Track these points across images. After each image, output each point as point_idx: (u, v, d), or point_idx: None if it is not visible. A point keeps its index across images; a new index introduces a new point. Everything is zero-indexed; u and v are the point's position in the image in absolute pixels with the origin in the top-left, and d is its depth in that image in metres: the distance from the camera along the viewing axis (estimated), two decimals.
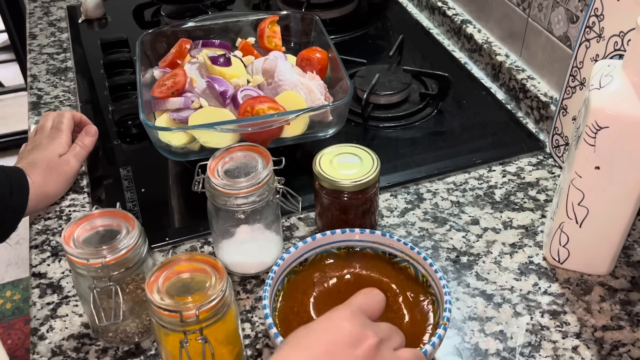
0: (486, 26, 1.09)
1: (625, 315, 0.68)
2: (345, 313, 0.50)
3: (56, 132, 0.84)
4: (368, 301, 0.53)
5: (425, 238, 0.77)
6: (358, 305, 0.52)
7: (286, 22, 0.98)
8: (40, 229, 0.80)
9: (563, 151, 0.85)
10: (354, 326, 0.49)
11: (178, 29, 0.96)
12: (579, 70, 0.79)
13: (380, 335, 0.49)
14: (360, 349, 0.47)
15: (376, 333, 0.49)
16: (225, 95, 0.81)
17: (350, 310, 0.50)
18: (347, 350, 0.47)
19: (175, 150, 0.79)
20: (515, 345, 0.65)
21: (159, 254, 0.76)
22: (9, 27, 2.17)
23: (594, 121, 0.60)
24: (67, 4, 1.32)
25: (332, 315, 0.50)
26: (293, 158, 0.87)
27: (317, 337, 0.48)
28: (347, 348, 0.47)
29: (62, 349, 0.66)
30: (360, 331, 0.48)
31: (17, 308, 1.88)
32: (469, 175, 0.86)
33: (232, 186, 0.64)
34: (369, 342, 0.48)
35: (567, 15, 0.87)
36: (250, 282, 0.72)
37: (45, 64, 1.13)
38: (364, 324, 0.49)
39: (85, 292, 0.61)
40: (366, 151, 0.72)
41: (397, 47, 1.07)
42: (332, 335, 0.48)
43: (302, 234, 0.78)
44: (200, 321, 0.54)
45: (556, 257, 0.72)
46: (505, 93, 1.02)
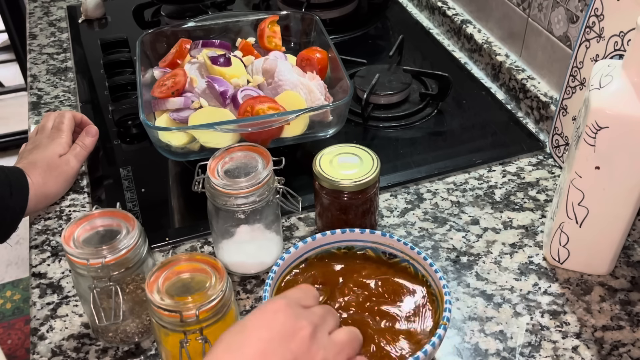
0: (486, 26, 1.09)
1: (625, 315, 0.68)
2: (278, 304, 0.49)
3: (57, 132, 0.84)
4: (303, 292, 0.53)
5: (425, 238, 0.77)
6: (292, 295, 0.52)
7: (286, 22, 0.98)
8: (40, 229, 0.80)
9: (563, 151, 0.85)
10: (287, 318, 0.48)
11: (178, 29, 0.96)
12: (579, 70, 0.79)
13: (314, 322, 0.49)
14: (294, 342, 0.47)
15: (310, 321, 0.48)
16: (225, 95, 0.81)
17: (284, 301, 0.50)
18: (281, 346, 0.46)
19: (175, 150, 0.79)
20: (515, 345, 0.65)
21: (159, 254, 0.76)
22: (9, 27, 2.17)
23: (594, 121, 0.60)
24: (67, 4, 1.32)
25: (264, 309, 0.49)
26: (293, 158, 0.87)
27: (250, 336, 0.47)
28: (282, 343, 0.46)
29: (62, 349, 0.66)
30: (293, 322, 0.48)
31: (17, 308, 1.88)
32: (469, 175, 0.86)
33: (232, 186, 0.64)
34: (303, 332, 0.47)
35: (567, 15, 0.87)
36: (250, 282, 0.72)
37: (45, 64, 1.13)
38: (297, 314, 0.49)
39: (85, 292, 0.61)
40: (366, 151, 0.72)
41: (397, 47, 1.07)
42: (264, 332, 0.47)
43: (302, 234, 0.78)
44: (200, 321, 0.54)
45: (556, 257, 0.72)
46: (505, 93, 1.02)
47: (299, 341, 0.47)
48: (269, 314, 0.49)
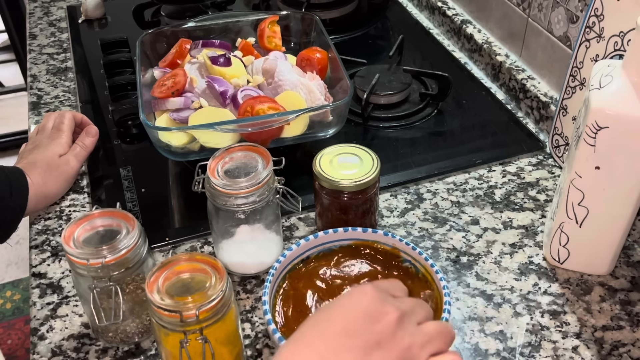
0: (486, 26, 1.09)
1: (625, 315, 0.68)
2: (365, 288, 0.48)
3: (57, 133, 0.84)
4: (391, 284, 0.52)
5: (425, 238, 0.77)
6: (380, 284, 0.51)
7: (286, 22, 0.98)
8: (40, 229, 0.80)
9: (563, 151, 0.85)
10: (374, 301, 0.47)
11: (178, 29, 0.96)
12: (579, 70, 0.79)
13: (403, 309, 0.48)
14: (380, 324, 0.46)
15: (397, 307, 0.47)
16: (225, 95, 0.81)
17: (372, 286, 0.49)
18: (366, 326, 0.45)
19: (175, 150, 0.79)
20: (515, 345, 0.65)
21: (159, 254, 0.76)
22: (9, 27, 2.17)
23: (594, 121, 0.60)
24: (67, 4, 1.32)
25: (353, 291, 0.49)
26: (293, 158, 0.87)
27: (335, 314, 0.47)
28: (366, 324, 0.45)
29: (62, 349, 0.66)
30: (380, 306, 0.47)
31: (17, 308, 1.88)
32: (469, 175, 0.86)
33: (232, 186, 0.64)
34: (390, 317, 0.46)
35: (567, 15, 0.87)
36: (250, 282, 0.72)
37: (45, 64, 1.13)
38: (384, 299, 0.48)
39: (85, 292, 0.61)
40: (366, 151, 0.72)
41: (397, 47, 1.07)
42: (350, 311, 0.46)
43: (302, 234, 0.78)
44: (200, 321, 0.54)
45: (556, 257, 0.72)
46: (505, 93, 1.02)
47: (384, 324, 0.46)
48: (356, 296, 0.48)
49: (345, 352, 0.44)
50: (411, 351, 0.46)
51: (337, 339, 0.45)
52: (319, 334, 0.45)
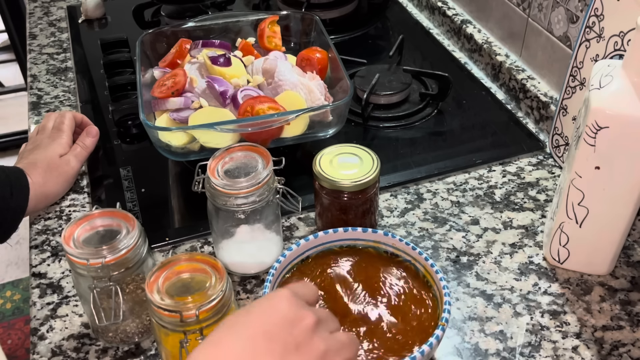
0: (486, 26, 1.09)
1: (625, 315, 0.68)
2: (284, 293, 0.49)
3: (57, 133, 0.84)
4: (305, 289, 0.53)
5: (425, 238, 0.77)
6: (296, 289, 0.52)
7: (286, 22, 0.98)
8: (40, 229, 0.80)
9: (563, 151, 0.85)
10: (292, 306, 0.48)
11: (178, 29, 0.96)
12: (579, 70, 0.79)
13: (318, 316, 0.49)
14: (298, 328, 0.47)
15: (314, 313, 0.49)
16: (225, 95, 0.81)
17: (289, 291, 0.50)
18: (283, 330, 0.46)
19: (175, 150, 0.79)
20: (515, 345, 0.65)
21: (159, 254, 0.76)
22: (9, 27, 2.17)
23: (594, 121, 0.60)
24: (67, 4, 1.32)
25: (270, 297, 0.49)
26: (293, 158, 0.87)
27: (255, 318, 0.47)
28: (285, 328, 0.46)
29: (62, 349, 0.66)
30: (297, 311, 0.48)
31: (17, 308, 1.88)
32: (469, 175, 0.86)
33: (232, 186, 0.64)
34: (307, 322, 0.47)
35: (567, 15, 0.87)
36: (250, 282, 0.72)
37: (45, 64, 1.13)
38: (301, 305, 0.49)
39: (85, 292, 0.61)
40: (366, 151, 0.72)
41: (397, 47, 1.07)
42: (270, 316, 0.47)
43: (302, 234, 0.78)
44: (200, 321, 0.54)
45: (556, 257, 0.72)
46: (505, 93, 1.02)
47: (302, 328, 0.47)
48: (274, 301, 0.48)
49: (264, 355, 0.44)
50: (327, 356, 0.47)
51: (255, 342, 0.45)
52: (237, 336, 0.45)
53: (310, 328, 0.47)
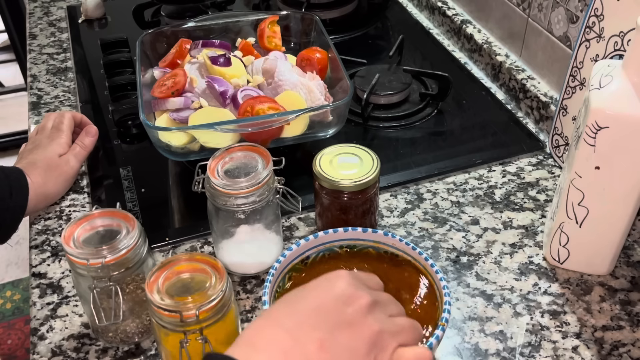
0: (486, 26, 1.09)
1: (625, 315, 0.68)
2: (342, 273, 0.49)
3: (56, 133, 0.84)
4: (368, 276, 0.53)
5: (425, 238, 0.77)
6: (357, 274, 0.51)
7: (286, 22, 0.98)
8: (40, 229, 0.80)
9: (563, 151, 0.85)
10: (349, 286, 0.47)
11: (178, 29, 0.96)
12: (579, 70, 0.79)
13: (376, 298, 0.48)
14: (352, 307, 0.46)
15: (372, 295, 0.48)
16: (225, 95, 0.81)
17: (348, 272, 0.49)
18: (337, 308, 0.46)
19: (175, 150, 0.79)
20: (515, 345, 0.65)
21: (159, 254, 0.76)
22: (9, 27, 2.17)
23: (594, 121, 0.60)
24: (67, 4, 1.32)
25: (328, 275, 0.49)
26: (293, 158, 0.87)
27: (309, 295, 0.47)
28: (338, 305, 0.46)
29: (62, 349, 0.66)
30: (354, 291, 0.47)
31: (17, 308, 1.88)
32: (469, 175, 0.86)
33: (232, 186, 0.64)
34: (362, 301, 0.47)
35: (567, 15, 0.87)
36: (250, 282, 0.72)
37: (45, 64, 1.13)
38: (359, 286, 0.48)
39: (85, 292, 0.61)
40: (366, 151, 0.72)
41: (397, 47, 1.07)
42: (325, 292, 0.47)
43: (302, 234, 0.78)
44: (200, 321, 0.54)
45: (556, 257, 0.72)
46: (505, 93, 1.02)
47: (357, 307, 0.46)
48: (332, 279, 0.48)
49: (312, 329, 0.44)
50: (381, 337, 0.46)
51: (306, 316, 0.45)
52: (289, 311, 0.46)
53: (365, 308, 0.46)
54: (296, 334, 0.44)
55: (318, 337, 0.44)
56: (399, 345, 0.47)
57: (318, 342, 0.44)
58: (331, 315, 0.45)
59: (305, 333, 0.44)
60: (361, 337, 0.45)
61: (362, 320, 0.46)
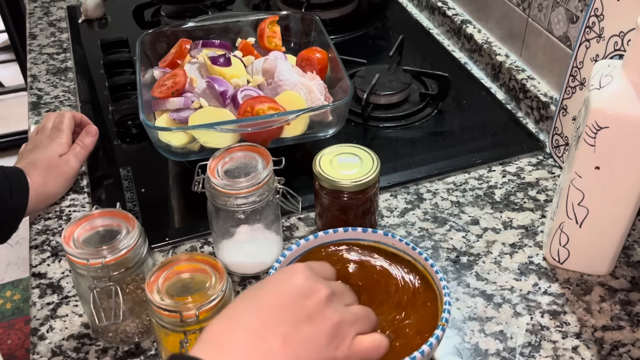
0: (486, 26, 1.09)
1: (625, 315, 0.68)
2: (299, 267, 0.50)
3: (56, 132, 0.84)
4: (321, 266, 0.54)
5: (425, 238, 0.77)
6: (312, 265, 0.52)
7: (286, 22, 0.98)
8: (40, 229, 0.80)
9: (563, 151, 0.85)
10: (306, 279, 0.49)
11: (178, 29, 0.96)
12: (579, 70, 0.79)
13: (333, 289, 0.50)
14: (311, 300, 0.47)
15: (329, 286, 0.49)
16: (225, 95, 0.81)
17: (304, 265, 0.51)
18: (297, 301, 0.47)
19: (175, 150, 0.79)
20: (515, 345, 0.65)
21: (159, 254, 0.76)
22: (9, 27, 2.17)
23: (594, 121, 0.60)
24: (67, 4, 1.32)
25: (285, 270, 0.50)
26: (293, 158, 0.87)
27: (269, 291, 0.48)
28: (298, 299, 0.47)
29: (62, 349, 0.66)
30: (312, 284, 0.49)
31: (17, 308, 1.88)
32: (469, 175, 0.86)
33: (232, 186, 0.64)
34: (320, 294, 0.48)
35: (567, 15, 0.87)
36: (250, 282, 0.72)
37: (45, 64, 1.13)
38: (316, 279, 0.50)
39: (85, 292, 0.61)
40: (366, 151, 0.72)
41: (397, 47, 1.07)
42: (284, 287, 0.48)
43: (302, 234, 0.78)
44: (200, 321, 0.54)
45: (556, 257, 0.72)
46: (505, 93, 1.02)
47: (315, 300, 0.48)
48: (289, 274, 0.49)
49: (276, 325, 0.45)
50: (340, 327, 0.48)
51: (268, 313, 0.46)
52: (250, 308, 0.47)
53: (323, 300, 0.48)
54: (260, 332, 0.45)
55: (281, 333, 0.45)
56: (357, 333, 0.49)
57: (281, 337, 0.45)
58: (292, 310, 0.47)
59: (269, 330, 0.45)
60: (322, 329, 0.47)
61: (322, 312, 0.47)
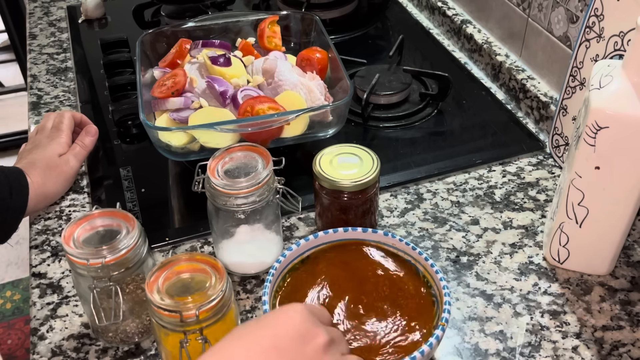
0: (486, 26, 1.09)
1: (625, 315, 0.68)
2: (298, 307, 0.48)
3: (56, 132, 0.84)
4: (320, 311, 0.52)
5: (425, 238, 0.77)
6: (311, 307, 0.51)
7: (286, 22, 0.98)
8: (40, 229, 0.80)
9: (563, 151, 0.85)
10: (305, 322, 0.47)
11: (178, 29, 0.96)
12: (579, 70, 0.79)
13: (332, 335, 0.48)
14: (310, 345, 0.46)
15: (328, 332, 0.47)
16: (225, 95, 0.81)
17: (303, 307, 0.48)
18: (295, 346, 0.45)
19: (175, 150, 0.79)
20: (515, 345, 0.65)
21: (159, 254, 0.76)
22: (9, 27, 2.17)
23: (594, 121, 0.60)
24: (67, 4, 1.32)
25: (283, 310, 0.48)
26: (293, 158, 0.87)
27: (265, 331, 0.46)
28: (296, 344, 0.45)
29: (62, 349, 0.66)
30: (310, 327, 0.47)
31: (17, 308, 1.88)
32: (469, 175, 0.86)
33: (232, 186, 0.64)
34: (319, 339, 0.46)
35: (567, 15, 0.87)
36: (250, 282, 0.72)
37: (45, 64, 1.13)
38: (315, 322, 0.48)
39: (85, 292, 0.61)
40: (366, 151, 0.72)
41: (397, 47, 1.07)
42: (282, 329, 0.46)
43: (302, 234, 0.78)
44: (200, 321, 0.54)
45: (556, 257, 0.72)
46: (505, 93, 1.02)
47: (314, 346, 0.46)
48: (288, 314, 0.47)
49: None
50: None
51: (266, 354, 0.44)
52: (246, 349, 0.44)
53: (322, 346, 0.46)
54: None
55: None
56: None
57: None
58: (291, 354, 0.45)
59: None
60: None
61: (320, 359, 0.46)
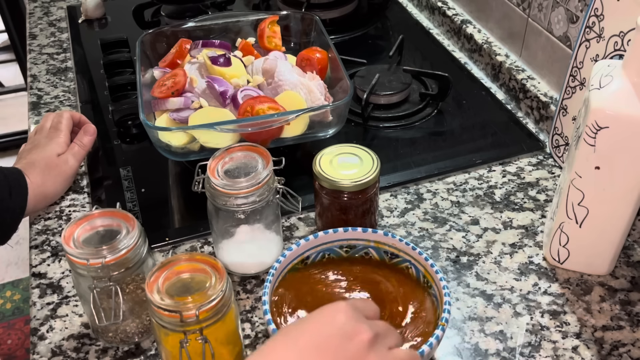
0: (486, 26, 1.09)
1: (625, 315, 0.68)
2: (341, 306, 0.48)
3: (55, 132, 0.84)
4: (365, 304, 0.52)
5: (425, 238, 0.77)
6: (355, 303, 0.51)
7: (286, 22, 0.98)
8: (40, 229, 0.80)
9: (563, 151, 0.85)
10: (349, 319, 0.47)
11: (178, 29, 0.96)
12: (579, 70, 0.79)
13: (376, 331, 0.48)
14: (353, 343, 0.46)
15: (371, 328, 0.47)
16: (225, 95, 0.81)
17: (346, 304, 0.48)
18: (339, 344, 0.45)
19: (175, 150, 0.79)
20: (515, 345, 0.65)
21: (159, 254, 0.76)
22: (9, 27, 2.17)
23: (594, 121, 0.60)
24: (67, 4, 1.32)
25: (327, 307, 0.48)
26: (293, 158, 0.87)
27: (309, 329, 0.46)
28: (340, 341, 0.45)
29: (62, 349, 0.66)
30: (354, 325, 0.47)
31: (17, 308, 1.88)
32: (469, 175, 0.86)
33: (232, 186, 0.64)
34: (363, 336, 0.46)
35: (567, 15, 0.87)
36: (250, 282, 0.72)
37: (45, 64, 1.13)
38: (359, 319, 0.48)
39: (85, 292, 0.61)
40: (366, 151, 0.72)
41: (397, 47, 1.07)
42: (325, 327, 0.46)
43: (302, 234, 0.78)
44: (200, 321, 0.54)
45: (556, 257, 0.72)
46: (505, 93, 1.02)
47: (357, 344, 0.46)
48: (332, 312, 0.48)
49: None
50: None
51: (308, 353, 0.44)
52: (291, 347, 0.45)
53: (366, 343, 0.46)
54: None
55: None
56: None
57: None
58: (333, 352, 0.45)
59: None
60: None
61: (364, 356, 0.46)
